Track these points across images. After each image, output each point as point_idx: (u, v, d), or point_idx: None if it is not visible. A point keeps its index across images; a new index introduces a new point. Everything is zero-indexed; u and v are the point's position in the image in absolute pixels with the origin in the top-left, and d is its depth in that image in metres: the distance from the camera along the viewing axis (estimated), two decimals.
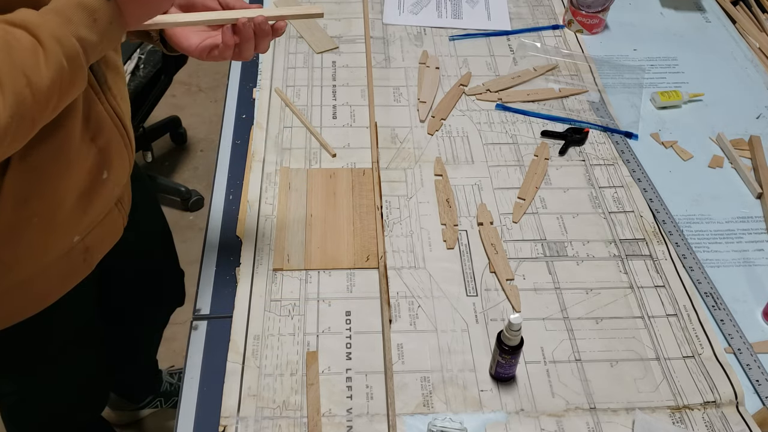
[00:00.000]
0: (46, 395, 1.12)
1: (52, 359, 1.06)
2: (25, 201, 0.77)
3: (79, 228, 0.88)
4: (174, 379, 1.73)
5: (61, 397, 1.15)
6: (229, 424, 0.86)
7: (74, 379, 1.15)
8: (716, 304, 1.00)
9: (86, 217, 0.88)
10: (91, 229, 0.90)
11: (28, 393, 1.12)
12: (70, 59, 0.65)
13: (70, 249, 0.89)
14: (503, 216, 1.10)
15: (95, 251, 0.94)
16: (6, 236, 0.79)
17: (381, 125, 1.24)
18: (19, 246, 0.81)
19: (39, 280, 0.88)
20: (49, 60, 0.63)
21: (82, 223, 0.88)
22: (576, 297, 1.00)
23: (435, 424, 0.86)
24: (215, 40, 0.86)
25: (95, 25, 0.67)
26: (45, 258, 0.86)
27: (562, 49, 1.43)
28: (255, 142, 1.20)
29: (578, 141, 1.23)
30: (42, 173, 0.76)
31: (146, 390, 1.69)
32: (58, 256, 0.87)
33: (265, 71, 1.34)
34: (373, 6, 1.52)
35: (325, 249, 1.05)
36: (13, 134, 0.62)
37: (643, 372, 0.92)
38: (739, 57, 1.45)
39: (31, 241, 0.82)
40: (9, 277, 0.83)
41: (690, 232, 1.10)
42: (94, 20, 0.66)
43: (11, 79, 0.60)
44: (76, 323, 1.05)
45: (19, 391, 1.12)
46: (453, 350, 0.94)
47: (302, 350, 0.93)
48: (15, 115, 0.61)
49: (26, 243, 0.81)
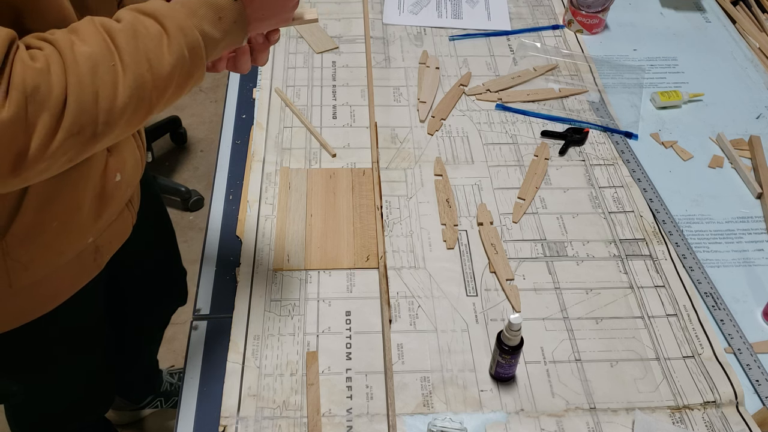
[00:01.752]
0: (51, 395, 1.12)
1: (57, 359, 1.06)
2: (47, 204, 0.78)
3: (93, 230, 0.88)
4: (174, 379, 1.73)
5: (66, 396, 1.15)
6: (229, 424, 0.86)
7: (79, 379, 1.15)
8: (716, 304, 1.00)
9: (101, 220, 0.88)
10: (104, 230, 0.91)
11: (34, 393, 1.12)
12: (192, 50, 0.68)
13: (82, 250, 0.89)
14: (503, 216, 1.10)
15: (105, 251, 0.94)
16: (25, 238, 0.79)
17: (381, 125, 1.25)
18: (36, 248, 0.81)
19: (50, 280, 0.88)
20: (171, 48, 0.66)
21: (97, 225, 0.88)
22: (576, 297, 1.00)
23: (435, 424, 0.86)
24: None
25: (219, 23, 0.71)
26: (60, 260, 0.86)
27: (562, 49, 1.43)
28: (255, 142, 1.20)
29: (578, 141, 1.23)
30: (64, 176, 0.76)
31: (146, 390, 1.69)
32: (71, 257, 0.88)
33: (265, 71, 1.34)
34: (373, 6, 1.52)
35: (325, 249, 1.05)
36: (130, 115, 0.65)
37: (643, 372, 0.92)
38: (739, 57, 1.45)
39: (48, 243, 0.82)
40: (23, 277, 0.83)
41: (690, 232, 1.10)
42: (219, 18, 0.70)
43: (134, 62, 0.64)
44: (82, 323, 1.05)
45: (25, 391, 1.12)
46: (453, 350, 0.94)
47: (302, 350, 0.93)
48: (133, 96, 0.64)
49: (43, 245, 0.82)
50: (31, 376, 1.08)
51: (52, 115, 0.59)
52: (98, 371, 1.19)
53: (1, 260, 0.79)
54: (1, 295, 0.83)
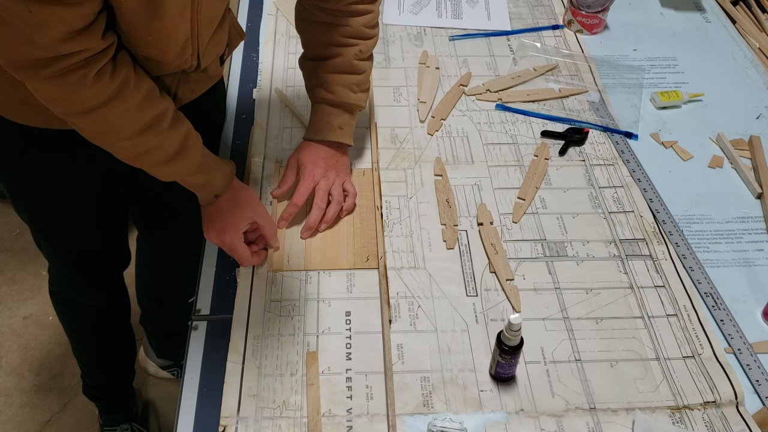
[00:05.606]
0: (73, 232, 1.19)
1: (78, 193, 1.12)
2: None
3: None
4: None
5: (87, 240, 1.21)
6: (229, 424, 0.86)
7: (100, 225, 1.21)
8: (716, 304, 1.00)
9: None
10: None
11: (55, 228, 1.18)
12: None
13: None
14: (503, 216, 1.10)
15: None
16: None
17: (381, 125, 1.24)
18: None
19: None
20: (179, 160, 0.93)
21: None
22: (576, 297, 1.00)
23: (435, 424, 0.86)
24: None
25: (202, 189, 0.99)
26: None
27: (562, 49, 1.43)
28: (255, 142, 1.20)
29: (578, 141, 1.23)
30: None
31: (170, 348, 1.71)
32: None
33: (265, 71, 1.34)
34: None
35: (324, 249, 1.05)
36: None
37: (643, 372, 0.92)
38: (739, 57, 1.45)
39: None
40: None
41: (690, 232, 1.10)
42: (202, 186, 0.98)
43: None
44: (104, 171, 1.11)
45: (43, 224, 1.18)
46: (453, 350, 0.94)
47: (302, 350, 0.93)
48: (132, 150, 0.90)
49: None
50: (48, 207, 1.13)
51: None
52: (117, 229, 1.26)
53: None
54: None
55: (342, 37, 1.06)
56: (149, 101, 0.88)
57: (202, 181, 0.98)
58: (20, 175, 1.08)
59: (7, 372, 1.79)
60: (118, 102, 0.83)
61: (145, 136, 0.88)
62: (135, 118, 0.86)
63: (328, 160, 1.09)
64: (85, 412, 1.70)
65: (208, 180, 0.98)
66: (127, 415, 1.62)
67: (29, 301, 1.94)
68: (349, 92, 1.08)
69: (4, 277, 2.00)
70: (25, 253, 2.03)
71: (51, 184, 1.08)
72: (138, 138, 0.88)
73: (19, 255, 2.04)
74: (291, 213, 1.06)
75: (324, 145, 1.09)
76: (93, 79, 0.79)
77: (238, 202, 1.00)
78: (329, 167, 1.09)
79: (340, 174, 1.10)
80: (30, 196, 1.12)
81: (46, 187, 1.09)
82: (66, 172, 1.07)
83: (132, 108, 0.85)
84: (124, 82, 0.83)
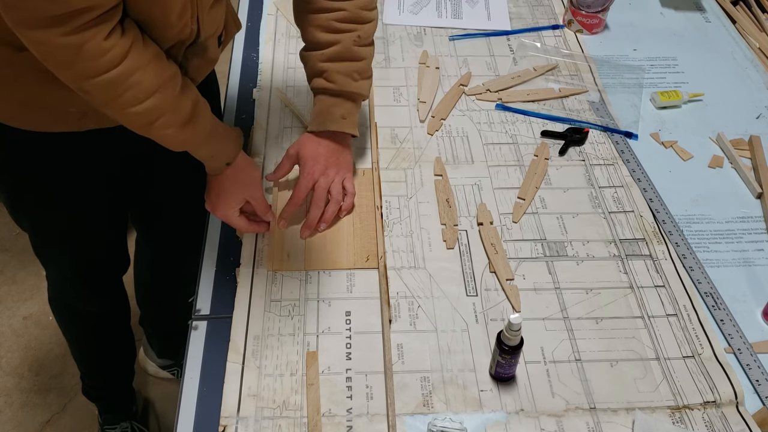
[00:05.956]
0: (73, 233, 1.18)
1: (78, 195, 1.11)
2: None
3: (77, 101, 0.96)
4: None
5: (88, 241, 1.20)
6: (229, 424, 0.86)
7: (100, 229, 1.20)
8: (716, 304, 1.00)
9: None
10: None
11: (51, 229, 1.17)
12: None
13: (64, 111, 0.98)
14: (503, 216, 1.10)
15: (90, 120, 1.00)
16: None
17: (381, 125, 1.24)
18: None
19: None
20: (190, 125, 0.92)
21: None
22: (576, 297, 1.00)
23: (435, 424, 0.86)
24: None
25: (212, 159, 0.99)
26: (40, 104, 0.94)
27: (562, 49, 1.43)
28: (255, 142, 1.20)
29: (578, 141, 1.23)
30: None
31: (170, 348, 1.71)
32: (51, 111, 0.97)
33: (265, 71, 1.34)
34: None
35: (324, 249, 1.05)
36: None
37: (643, 372, 0.92)
38: (739, 57, 1.45)
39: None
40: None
41: (690, 232, 1.10)
42: (212, 156, 0.98)
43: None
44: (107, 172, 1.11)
45: (39, 228, 1.17)
46: (453, 350, 0.94)
47: (302, 350, 0.93)
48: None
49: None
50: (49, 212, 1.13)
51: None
52: (118, 234, 1.26)
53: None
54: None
55: (339, 22, 1.04)
56: (160, 62, 0.87)
57: (212, 152, 0.98)
58: (18, 180, 1.07)
59: (7, 372, 1.80)
60: (130, 62, 0.82)
61: (158, 99, 0.86)
62: (147, 79, 0.84)
63: (329, 156, 1.08)
64: (85, 412, 1.71)
65: (218, 150, 0.98)
66: (127, 414, 1.62)
67: (29, 301, 1.94)
68: (350, 80, 1.06)
69: (4, 277, 2.00)
70: (25, 253, 2.03)
71: (50, 189, 1.08)
72: (151, 101, 0.86)
73: (19, 255, 2.04)
74: (290, 212, 1.06)
75: (325, 139, 1.08)
76: (105, 37, 0.79)
77: (238, 181, 1.00)
78: (329, 164, 1.08)
79: (341, 171, 1.09)
80: (28, 201, 1.11)
81: (45, 192, 1.08)
82: (65, 177, 1.06)
83: (143, 67, 0.84)
84: (134, 41, 0.83)
